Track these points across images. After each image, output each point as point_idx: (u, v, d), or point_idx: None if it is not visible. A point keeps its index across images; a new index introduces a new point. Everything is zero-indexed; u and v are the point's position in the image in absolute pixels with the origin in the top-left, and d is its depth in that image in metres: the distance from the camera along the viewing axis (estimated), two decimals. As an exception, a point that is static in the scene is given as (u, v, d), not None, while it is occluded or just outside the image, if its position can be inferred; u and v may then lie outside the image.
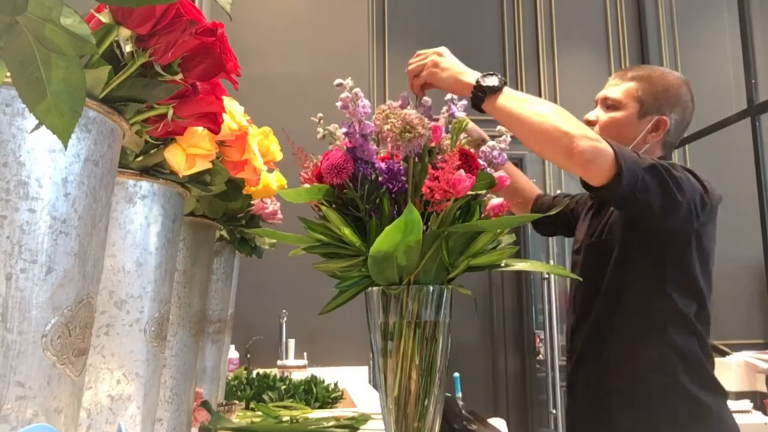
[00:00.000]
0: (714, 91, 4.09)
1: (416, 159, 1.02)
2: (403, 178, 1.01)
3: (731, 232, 4.48)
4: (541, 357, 4.06)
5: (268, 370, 1.96)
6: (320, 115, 1.06)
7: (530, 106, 1.16)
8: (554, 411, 3.86)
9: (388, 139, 0.99)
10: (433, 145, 1.03)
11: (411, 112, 0.98)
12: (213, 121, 0.59)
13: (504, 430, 1.49)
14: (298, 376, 1.98)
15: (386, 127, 0.98)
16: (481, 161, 1.05)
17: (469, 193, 1.00)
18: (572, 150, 1.12)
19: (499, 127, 1.12)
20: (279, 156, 0.94)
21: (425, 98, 1.08)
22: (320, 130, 1.06)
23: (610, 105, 1.44)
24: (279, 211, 1.27)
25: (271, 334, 2.60)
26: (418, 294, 0.97)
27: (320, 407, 1.65)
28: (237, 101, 0.74)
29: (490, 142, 1.08)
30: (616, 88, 1.45)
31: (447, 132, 1.05)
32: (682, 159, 4.32)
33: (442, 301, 0.99)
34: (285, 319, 2.55)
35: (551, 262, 4.18)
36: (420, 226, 0.89)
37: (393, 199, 1.01)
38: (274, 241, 1.27)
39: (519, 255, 1.06)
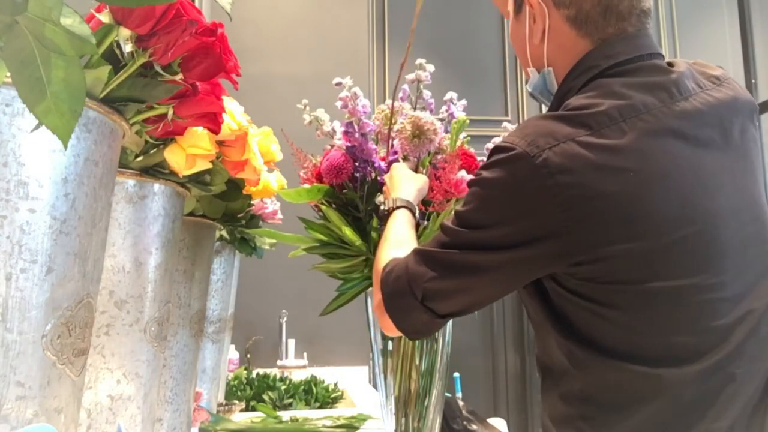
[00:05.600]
0: (714, 91, 4.09)
1: (416, 159, 1.02)
2: None
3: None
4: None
5: (268, 370, 1.96)
6: (305, 101, 1.06)
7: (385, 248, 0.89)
8: (554, 411, 3.86)
9: (398, 140, 0.99)
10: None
11: (423, 116, 0.97)
12: (213, 121, 0.59)
13: (504, 430, 1.50)
14: (298, 376, 1.98)
15: (396, 128, 0.98)
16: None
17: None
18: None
19: (504, 124, 1.12)
20: (279, 156, 0.94)
21: (426, 92, 1.07)
22: (306, 116, 1.06)
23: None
24: (279, 211, 1.27)
25: (271, 334, 2.59)
26: (418, 294, 0.97)
27: (320, 407, 1.65)
28: (237, 101, 0.74)
29: (496, 139, 1.08)
30: None
31: (447, 132, 1.05)
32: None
33: (442, 301, 0.99)
34: (285, 319, 2.55)
35: (551, 262, 4.17)
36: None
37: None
38: (274, 241, 1.27)
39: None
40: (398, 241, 0.86)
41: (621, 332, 0.67)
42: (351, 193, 1.01)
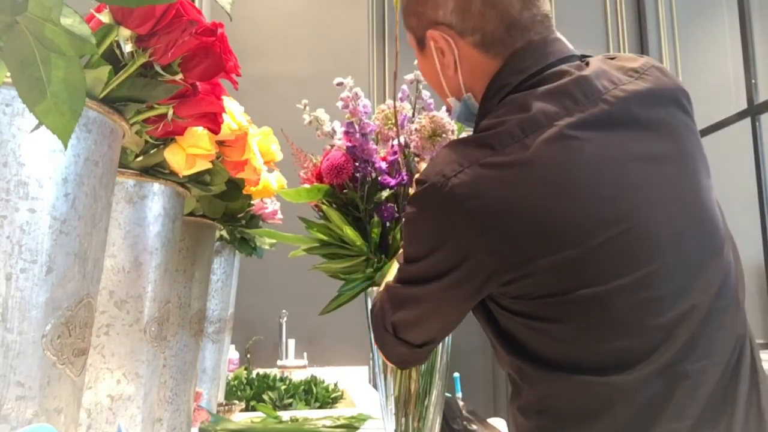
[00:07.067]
0: (714, 91, 4.09)
1: (417, 159, 1.02)
2: (403, 169, 1.02)
3: (731, 232, 4.48)
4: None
5: (268, 370, 1.96)
6: (305, 101, 1.06)
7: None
8: (554, 411, 3.85)
9: (413, 139, 0.99)
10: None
11: (442, 116, 0.97)
12: (213, 121, 0.59)
13: (504, 430, 1.50)
14: (298, 376, 1.98)
15: (414, 127, 0.97)
16: None
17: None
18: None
19: None
20: (279, 156, 0.94)
21: (425, 92, 1.07)
22: (306, 117, 1.06)
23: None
24: (279, 211, 1.27)
25: (271, 334, 2.59)
26: (418, 294, 0.97)
27: (320, 407, 1.65)
28: (237, 101, 0.74)
29: None
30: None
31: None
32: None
33: (442, 301, 0.99)
34: (285, 319, 2.55)
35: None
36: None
37: (394, 194, 1.01)
38: (274, 241, 1.27)
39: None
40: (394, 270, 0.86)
41: (563, 344, 0.66)
42: (351, 193, 1.01)
